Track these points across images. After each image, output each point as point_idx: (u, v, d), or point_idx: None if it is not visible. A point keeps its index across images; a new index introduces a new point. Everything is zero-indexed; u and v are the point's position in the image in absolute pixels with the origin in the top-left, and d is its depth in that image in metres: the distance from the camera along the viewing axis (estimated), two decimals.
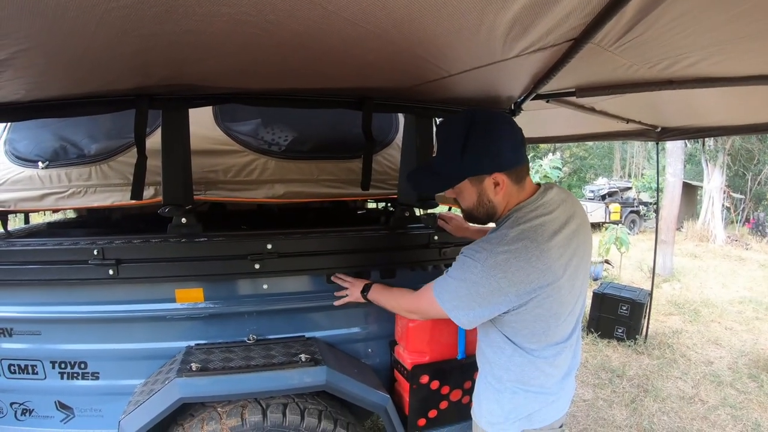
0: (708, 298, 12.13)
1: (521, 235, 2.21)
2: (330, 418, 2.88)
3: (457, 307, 2.31)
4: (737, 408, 6.51)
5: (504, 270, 2.17)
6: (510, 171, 2.27)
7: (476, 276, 2.21)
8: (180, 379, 2.68)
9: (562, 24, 2.05)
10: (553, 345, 2.38)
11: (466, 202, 2.45)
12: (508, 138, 2.25)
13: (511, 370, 2.42)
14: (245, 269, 3.05)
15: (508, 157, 2.25)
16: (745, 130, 5.86)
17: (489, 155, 2.22)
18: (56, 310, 3.04)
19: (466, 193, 2.40)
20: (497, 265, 2.17)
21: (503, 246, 2.20)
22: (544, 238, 2.22)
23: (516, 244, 2.19)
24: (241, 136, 3.77)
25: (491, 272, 2.18)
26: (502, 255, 2.18)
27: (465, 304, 2.28)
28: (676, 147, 15.41)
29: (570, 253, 2.30)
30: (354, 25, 1.86)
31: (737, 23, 2.15)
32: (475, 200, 2.39)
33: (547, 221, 2.28)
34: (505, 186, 2.29)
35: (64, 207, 3.83)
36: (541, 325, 2.30)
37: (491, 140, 2.22)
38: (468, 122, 2.24)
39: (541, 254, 2.19)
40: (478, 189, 2.34)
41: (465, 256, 2.31)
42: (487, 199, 2.36)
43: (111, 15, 1.66)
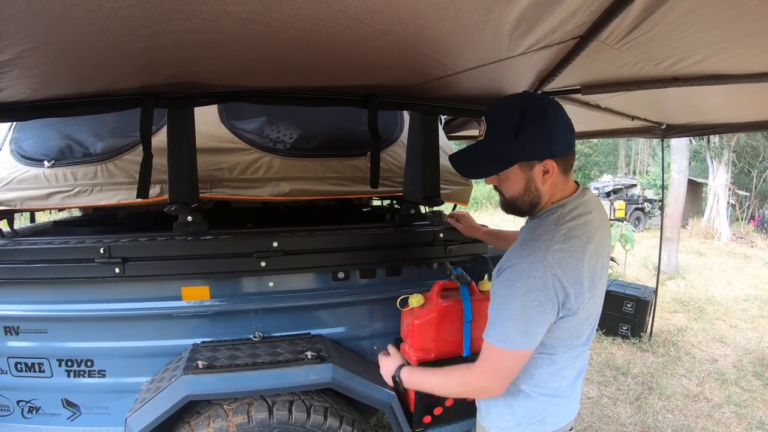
0: (713, 296, 12.11)
1: (570, 233, 2.14)
2: (336, 416, 2.90)
3: (528, 333, 2.11)
4: (742, 406, 6.50)
5: (563, 268, 2.07)
6: (560, 159, 2.17)
7: (541, 279, 2.05)
8: (186, 377, 2.70)
9: (568, 21, 2.05)
10: (577, 347, 2.33)
11: (511, 189, 2.28)
12: (561, 123, 2.15)
13: (532, 374, 2.32)
14: (251, 267, 3.08)
15: (561, 144, 2.15)
16: (750, 127, 5.82)
17: (543, 140, 2.12)
18: (63, 309, 3.06)
19: (513, 179, 2.24)
20: (558, 263, 2.07)
21: (557, 243, 2.11)
22: (588, 238, 2.17)
23: (568, 242, 2.12)
24: (247, 134, 3.79)
25: (554, 271, 2.06)
26: (558, 253, 2.08)
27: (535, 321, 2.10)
28: (682, 144, 15.40)
29: (603, 254, 2.27)
30: (360, 23, 1.86)
31: (743, 20, 2.14)
32: (521, 188, 2.24)
33: (588, 221, 2.22)
34: (553, 175, 2.18)
35: (70, 206, 3.85)
36: (578, 328, 2.24)
37: (545, 124, 2.11)
38: (521, 104, 2.13)
39: (587, 253, 2.14)
40: (527, 176, 2.20)
41: (515, 266, 2.12)
42: (535, 187, 2.22)
43: (117, 14, 1.67)
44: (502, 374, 2.21)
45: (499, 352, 2.14)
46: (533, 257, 2.08)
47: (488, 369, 2.22)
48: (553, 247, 2.09)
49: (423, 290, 3.20)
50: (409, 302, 3.10)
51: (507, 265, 2.16)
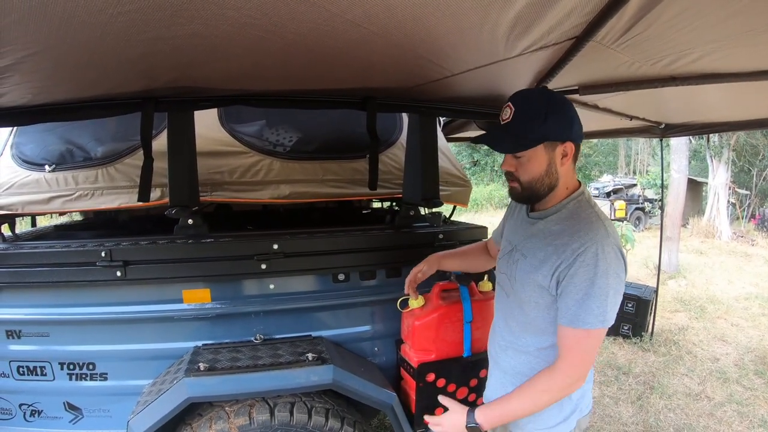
0: (714, 295, 12.10)
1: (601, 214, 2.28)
2: (337, 417, 2.91)
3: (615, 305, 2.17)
4: (743, 404, 6.49)
5: (617, 240, 2.20)
6: (576, 145, 2.30)
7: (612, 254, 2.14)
8: (188, 379, 2.70)
9: (564, 22, 2.07)
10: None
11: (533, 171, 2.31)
12: (575, 113, 2.29)
13: None
14: (252, 269, 3.09)
15: (578, 131, 2.29)
16: (749, 125, 5.83)
17: (566, 123, 2.24)
18: (64, 312, 3.07)
19: (536, 160, 2.29)
20: (615, 235, 2.20)
21: (606, 221, 2.24)
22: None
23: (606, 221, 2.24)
24: (246, 137, 3.80)
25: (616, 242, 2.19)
26: (611, 227, 2.22)
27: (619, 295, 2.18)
28: (681, 143, 15.39)
29: None
30: (357, 26, 1.88)
31: (739, 18, 2.15)
32: (543, 169, 2.30)
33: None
34: (570, 158, 2.29)
35: (71, 209, 3.88)
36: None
37: (568, 110, 2.26)
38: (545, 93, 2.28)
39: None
40: (549, 156, 2.28)
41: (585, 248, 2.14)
42: (555, 169, 2.30)
43: (117, 20, 1.69)
44: (591, 357, 2.24)
45: (598, 334, 2.17)
46: (599, 235, 2.15)
47: (581, 358, 2.22)
48: (606, 223, 2.22)
49: (423, 291, 3.21)
50: (410, 303, 3.12)
51: (574, 255, 2.16)
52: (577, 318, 2.15)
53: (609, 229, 2.19)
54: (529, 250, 2.40)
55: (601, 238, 2.14)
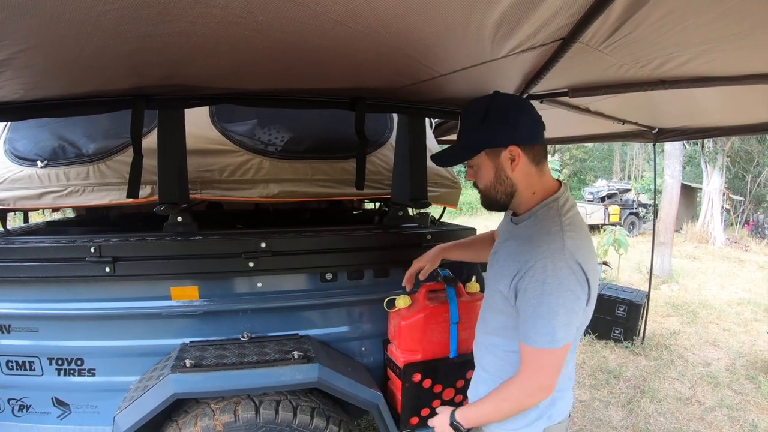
0: (706, 300, 12.14)
1: (573, 222, 2.21)
2: (322, 416, 2.91)
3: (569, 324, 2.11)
4: (734, 409, 6.52)
5: (580, 254, 2.11)
6: (526, 147, 2.24)
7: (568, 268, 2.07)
8: (173, 375, 2.71)
9: (550, 23, 2.08)
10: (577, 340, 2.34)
11: (484, 179, 2.36)
12: (527, 115, 2.26)
13: None
14: (239, 267, 3.10)
15: (524, 133, 2.24)
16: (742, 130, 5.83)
17: (507, 127, 2.22)
18: (54, 307, 3.08)
19: (483, 168, 2.34)
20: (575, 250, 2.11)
21: (568, 232, 2.15)
22: (584, 227, 2.25)
23: (575, 229, 2.18)
24: (237, 136, 3.81)
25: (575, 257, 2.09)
26: (572, 240, 2.13)
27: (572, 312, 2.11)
28: (675, 149, 15.43)
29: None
30: (342, 25, 1.88)
31: (725, 20, 2.15)
32: (492, 176, 2.32)
33: (578, 211, 2.32)
34: (521, 162, 2.25)
35: (62, 205, 3.87)
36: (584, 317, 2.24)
37: (509, 114, 2.23)
38: (489, 99, 2.26)
39: (590, 240, 2.23)
40: (495, 164, 2.29)
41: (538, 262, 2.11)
42: (505, 175, 2.29)
43: (106, 17, 1.69)
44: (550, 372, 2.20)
45: (548, 354, 2.14)
46: (553, 249, 2.11)
47: (536, 371, 2.20)
48: (567, 235, 2.13)
49: (410, 291, 3.21)
50: (396, 303, 3.13)
51: (526, 267, 2.14)
52: (526, 335, 2.16)
53: (567, 242, 2.11)
54: (501, 255, 2.42)
55: (553, 252, 2.10)
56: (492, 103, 2.24)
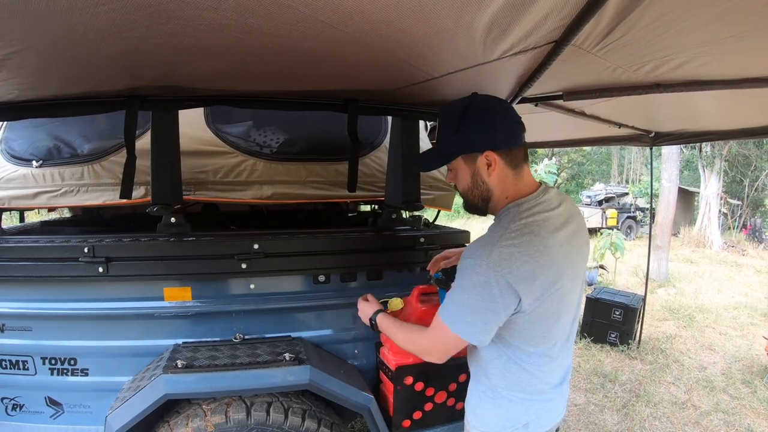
0: (703, 304, 12.16)
1: (525, 229, 2.15)
2: (314, 418, 2.91)
3: (472, 324, 2.16)
4: (730, 413, 6.52)
5: (510, 265, 2.07)
6: (503, 152, 2.23)
7: (483, 276, 2.09)
8: (165, 376, 2.71)
9: (541, 26, 2.07)
10: (551, 347, 2.33)
11: (461, 183, 2.39)
12: (503, 118, 2.23)
13: (508, 378, 2.35)
14: (232, 269, 3.09)
15: (501, 137, 2.22)
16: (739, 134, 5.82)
17: (483, 132, 2.21)
18: (47, 307, 3.08)
19: (461, 173, 2.36)
20: (503, 260, 2.07)
21: (507, 240, 2.12)
22: (547, 233, 2.18)
23: (520, 238, 2.12)
24: (231, 137, 3.81)
25: (498, 268, 2.07)
26: (507, 249, 2.09)
27: (478, 315, 2.14)
28: (672, 153, 15.45)
29: (570, 252, 2.27)
30: (332, 28, 1.89)
31: (720, 23, 2.15)
32: (469, 181, 2.34)
33: (549, 217, 2.23)
34: (497, 167, 2.24)
35: (56, 205, 3.88)
36: (541, 327, 2.24)
37: (485, 118, 2.21)
38: (467, 102, 2.24)
39: (545, 249, 2.14)
40: (471, 169, 2.30)
41: (466, 258, 2.20)
42: (481, 180, 2.30)
43: (98, 18, 1.71)
44: (443, 347, 2.31)
45: (444, 330, 2.23)
46: (479, 254, 2.14)
47: (434, 338, 2.33)
48: (501, 244, 2.11)
49: (403, 294, 3.22)
50: (389, 306, 3.12)
51: (463, 258, 2.23)
52: (444, 304, 2.31)
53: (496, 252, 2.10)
54: None
55: (479, 256, 2.14)
56: (469, 106, 2.24)
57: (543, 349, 2.30)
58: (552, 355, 2.34)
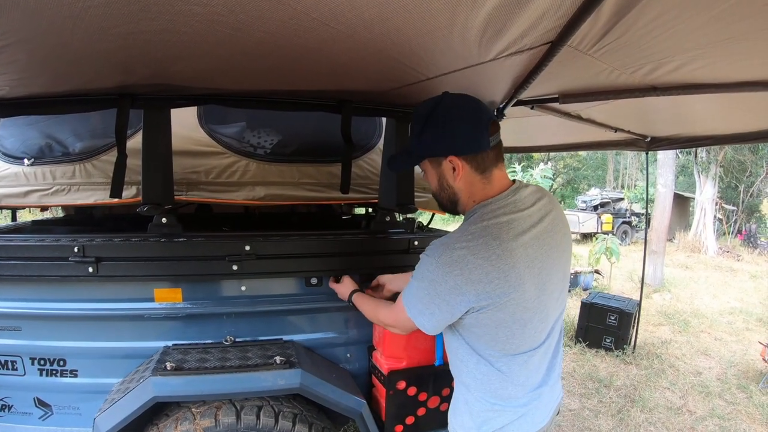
0: (698, 309, 12.18)
1: (483, 232, 2.12)
2: (305, 422, 2.88)
3: (421, 312, 2.25)
4: (725, 419, 6.52)
5: (461, 267, 2.07)
6: (468, 156, 2.21)
7: (432, 273, 2.15)
8: (154, 378, 2.68)
9: (537, 26, 2.06)
10: (521, 354, 2.26)
11: (431, 184, 2.43)
12: (467, 121, 2.19)
13: (478, 380, 2.31)
14: (223, 270, 3.07)
15: (464, 142, 2.20)
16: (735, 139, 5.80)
17: (444, 137, 2.20)
18: (37, 307, 3.06)
19: (429, 174, 2.39)
20: (453, 262, 2.09)
21: (462, 242, 2.11)
22: (509, 236, 2.12)
23: (476, 240, 2.10)
24: (224, 138, 3.79)
25: (447, 269, 2.10)
26: (459, 251, 2.09)
27: (426, 307, 2.22)
28: (668, 158, 15.48)
29: (541, 254, 2.21)
30: (324, 25, 1.87)
31: (717, 25, 2.14)
32: (437, 184, 2.37)
33: (515, 219, 2.18)
34: (462, 172, 2.23)
35: (47, 204, 3.86)
36: (504, 332, 2.18)
37: (448, 122, 2.19)
38: (433, 104, 2.22)
39: (504, 253, 2.08)
40: (437, 172, 2.32)
41: (424, 254, 2.25)
42: (447, 184, 2.31)
43: (88, 13, 1.69)
44: (402, 325, 2.49)
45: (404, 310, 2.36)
46: (433, 252, 2.19)
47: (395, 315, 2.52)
48: (454, 246, 2.13)
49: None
50: None
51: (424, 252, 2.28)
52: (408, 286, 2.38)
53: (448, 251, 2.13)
54: None
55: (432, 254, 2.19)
56: (435, 108, 2.22)
57: (511, 354, 2.25)
58: (522, 361, 2.28)
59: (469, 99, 2.27)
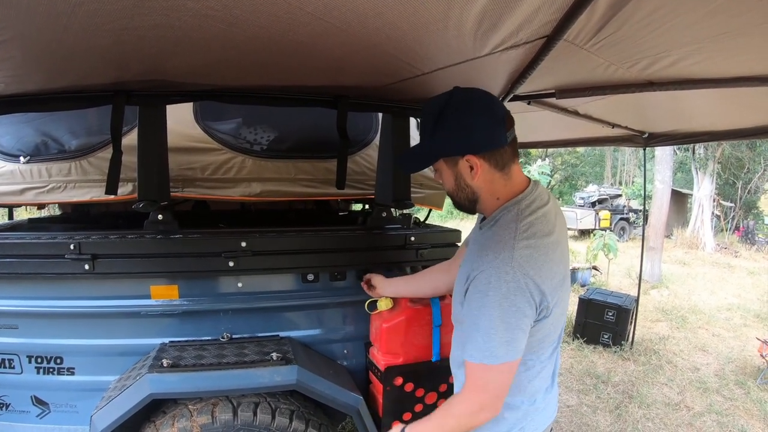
0: (696, 305, 12.19)
1: (532, 228, 2.05)
2: (302, 419, 2.88)
3: (511, 342, 1.97)
4: (723, 414, 6.53)
5: (532, 265, 1.96)
6: (486, 154, 2.08)
7: (513, 282, 1.93)
8: (150, 375, 2.68)
9: (533, 20, 2.04)
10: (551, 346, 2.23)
11: (446, 185, 2.26)
12: (482, 117, 2.06)
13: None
14: (219, 267, 3.07)
15: (481, 139, 2.06)
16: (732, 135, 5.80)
17: (459, 136, 2.07)
18: (34, 304, 3.05)
19: (444, 175, 2.23)
20: (525, 262, 1.95)
21: (521, 241, 1.99)
22: (549, 230, 2.10)
23: (531, 238, 2.02)
24: (220, 134, 3.79)
25: (524, 270, 1.94)
26: (525, 250, 1.97)
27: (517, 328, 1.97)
28: (665, 154, 15.50)
29: (564, 244, 2.21)
30: (318, 19, 1.86)
31: (715, 19, 2.12)
32: (453, 183, 2.20)
33: (546, 213, 2.14)
34: (481, 170, 2.09)
35: (43, 201, 3.87)
36: (553, 327, 2.16)
37: (462, 120, 2.05)
38: (444, 101, 2.09)
39: (553, 244, 2.07)
40: (454, 171, 2.16)
41: (482, 272, 2.00)
42: (465, 183, 2.16)
43: (82, 8, 1.68)
44: (493, 390, 2.06)
45: (486, 369, 2.01)
46: (500, 260, 1.96)
47: (477, 387, 2.08)
48: (518, 245, 1.98)
49: None
50: (378, 306, 3.09)
51: (474, 274, 2.04)
52: (465, 348, 2.07)
53: (517, 252, 1.97)
54: (464, 261, 2.33)
55: (501, 263, 1.96)
56: (447, 105, 2.08)
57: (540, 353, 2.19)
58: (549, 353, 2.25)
59: (482, 93, 2.16)
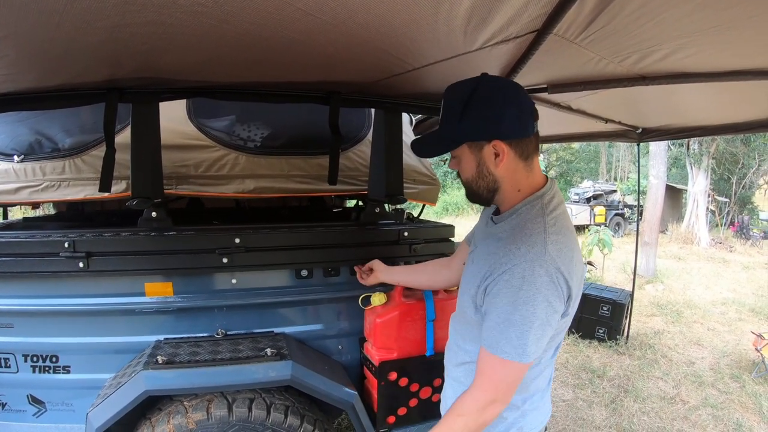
0: (691, 300, 12.22)
1: (558, 223, 2.03)
2: (297, 414, 2.89)
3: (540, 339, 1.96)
4: (718, 408, 6.55)
5: (562, 260, 1.94)
6: (513, 141, 2.05)
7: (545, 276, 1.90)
8: (145, 372, 2.69)
9: (522, 14, 2.04)
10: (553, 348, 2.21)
11: (466, 172, 2.20)
12: (512, 104, 2.04)
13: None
14: (213, 263, 3.08)
15: (511, 125, 2.03)
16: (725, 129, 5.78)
17: (489, 120, 2.03)
18: (28, 303, 3.05)
19: (465, 161, 2.18)
20: (557, 256, 1.93)
21: (552, 235, 1.97)
22: (571, 226, 2.10)
23: (560, 233, 2.00)
24: (213, 131, 3.80)
25: (556, 264, 1.92)
26: (556, 244, 1.95)
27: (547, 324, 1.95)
28: (660, 150, 15.51)
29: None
30: (308, 15, 1.86)
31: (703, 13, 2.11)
32: (474, 171, 2.16)
33: (565, 209, 2.15)
34: (506, 158, 2.06)
35: (38, 200, 3.85)
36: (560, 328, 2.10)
37: (493, 104, 2.03)
38: (473, 85, 2.07)
39: (575, 242, 2.06)
40: (477, 157, 2.12)
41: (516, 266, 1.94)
42: (488, 171, 2.12)
43: (74, 6, 1.68)
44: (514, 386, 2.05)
45: (514, 367, 1.97)
46: (533, 253, 1.94)
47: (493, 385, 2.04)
48: (550, 239, 1.96)
49: (387, 289, 3.22)
50: (372, 301, 3.11)
51: (501, 270, 1.98)
52: (496, 344, 1.98)
53: (550, 246, 1.94)
54: (477, 255, 2.28)
55: (534, 257, 1.92)
56: (477, 88, 2.05)
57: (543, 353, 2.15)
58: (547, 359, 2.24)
59: (511, 82, 2.17)
